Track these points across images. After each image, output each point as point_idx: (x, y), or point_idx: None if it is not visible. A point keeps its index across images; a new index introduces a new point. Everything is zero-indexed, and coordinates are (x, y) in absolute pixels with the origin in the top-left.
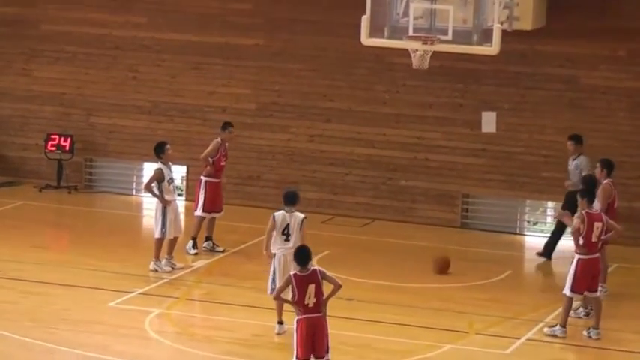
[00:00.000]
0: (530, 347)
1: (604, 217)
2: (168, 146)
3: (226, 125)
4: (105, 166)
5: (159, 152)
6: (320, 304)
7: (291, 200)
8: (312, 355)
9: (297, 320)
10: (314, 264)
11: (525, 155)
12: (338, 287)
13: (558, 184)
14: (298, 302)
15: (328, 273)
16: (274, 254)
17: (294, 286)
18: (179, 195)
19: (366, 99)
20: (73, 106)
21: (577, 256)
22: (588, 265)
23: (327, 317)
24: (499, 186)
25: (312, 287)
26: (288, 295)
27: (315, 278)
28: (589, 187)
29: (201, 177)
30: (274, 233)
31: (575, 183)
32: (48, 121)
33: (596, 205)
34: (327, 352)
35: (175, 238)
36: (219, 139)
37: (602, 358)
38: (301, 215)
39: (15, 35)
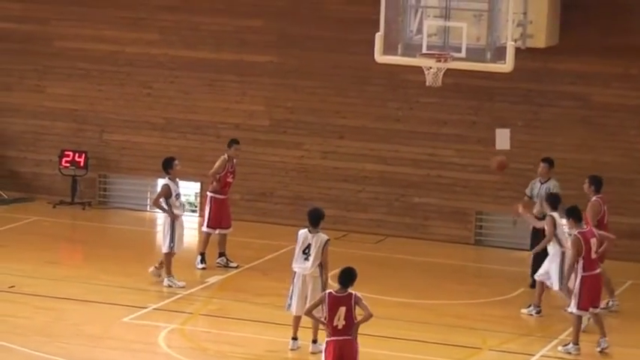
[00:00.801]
0: None
1: (595, 231)
2: (176, 162)
3: (232, 142)
4: (118, 182)
5: (167, 167)
6: (350, 328)
7: (314, 220)
8: None
9: (327, 342)
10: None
11: None
12: (369, 316)
13: (571, 201)
14: (328, 323)
15: (364, 301)
16: (294, 272)
17: (326, 305)
18: (192, 211)
19: (380, 116)
20: (86, 123)
21: (580, 275)
22: (592, 281)
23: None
24: (512, 203)
25: (342, 310)
26: (319, 313)
27: (349, 302)
28: (570, 206)
29: (208, 192)
30: (296, 251)
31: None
32: (61, 137)
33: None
34: None
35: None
36: (225, 156)
37: None
38: (325, 237)
39: (28, 52)
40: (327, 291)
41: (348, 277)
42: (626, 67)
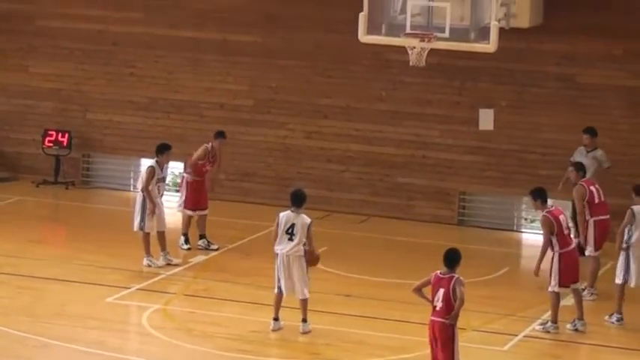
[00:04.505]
0: (527, 344)
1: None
2: (171, 151)
3: (219, 134)
4: (102, 162)
5: (160, 152)
6: (447, 310)
7: (297, 201)
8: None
9: (430, 320)
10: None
11: (522, 153)
12: (460, 303)
13: (555, 181)
14: (431, 301)
15: (462, 288)
16: (276, 254)
17: (431, 284)
18: (176, 191)
19: (363, 96)
20: (70, 102)
21: (557, 252)
22: (568, 257)
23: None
24: (496, 183)
25: (441, 291)
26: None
27: (448, 284)
28: (536, 188)
29: (184, 174)
30: (279, 233)
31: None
32: (45, 116)
33: None
34: None
35: (162, 233)
36: (209, 145)
37: (599, 354)
38: (308, 219)
39: (11, 31)
40: (436, 271)
41: (450, 258)
42: (610, 48)
